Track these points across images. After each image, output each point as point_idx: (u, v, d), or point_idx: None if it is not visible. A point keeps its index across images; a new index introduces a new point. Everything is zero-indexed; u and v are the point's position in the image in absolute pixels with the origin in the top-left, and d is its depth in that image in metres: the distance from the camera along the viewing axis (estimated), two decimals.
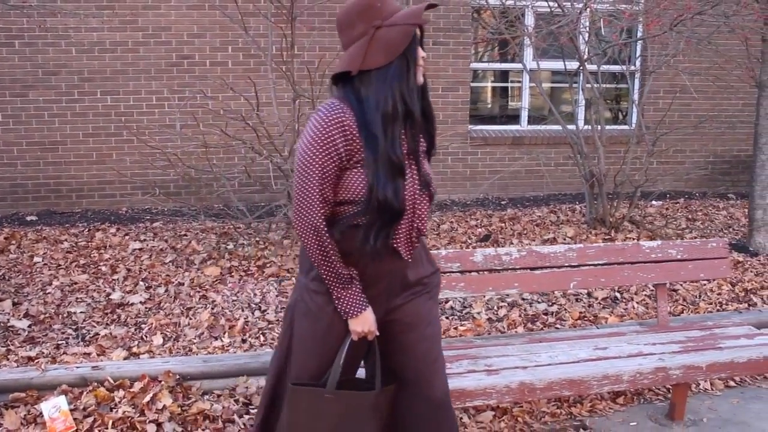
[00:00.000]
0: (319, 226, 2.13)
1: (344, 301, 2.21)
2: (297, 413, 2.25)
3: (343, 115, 2.11)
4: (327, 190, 2.13)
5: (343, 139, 2.11)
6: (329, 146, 2.10)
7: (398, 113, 2.14)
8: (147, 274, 4.89)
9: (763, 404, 3.70)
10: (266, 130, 5.26)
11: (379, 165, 2.11)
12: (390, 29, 2.14)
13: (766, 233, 5.77)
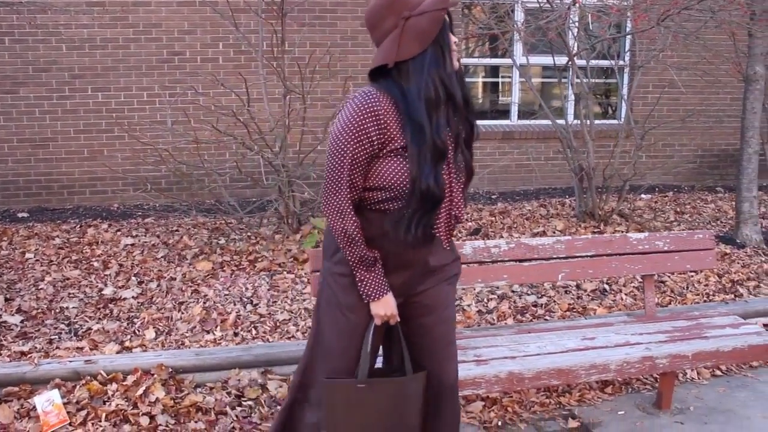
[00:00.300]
0: (344, 209, 2.18)
1: (367, 284, 2.25)
2: (333, 407, 2.28)
3: (378, 104, 2.14)
4: (356, 176, 2.18)
5: (376, 128, 2.14)
6: (361, 134, 2.14)
7: (440, 99, 2.17)
8: (139, 269, 4.91)
9: (748, 392, 3.75)
10: (257, 125, 5.29)
11: (423, 154, 2.14)
12: (419, 18, 2.15)
13: (753, 225, 5.83)
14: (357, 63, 7.28)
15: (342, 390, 2.29)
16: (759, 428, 3.39)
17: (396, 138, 2.17)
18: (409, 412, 2.34)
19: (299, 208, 5.61)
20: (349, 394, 2.29)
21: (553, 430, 3.34)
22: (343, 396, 2.29)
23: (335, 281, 2.33)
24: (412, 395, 2.35)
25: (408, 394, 2.34)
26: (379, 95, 2.16)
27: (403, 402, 2.33)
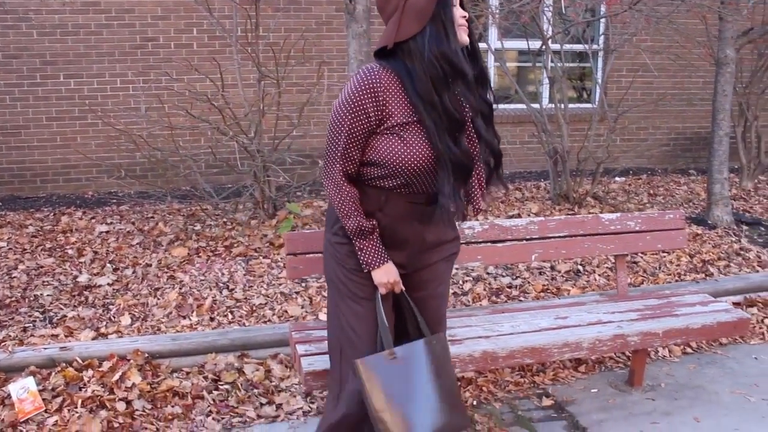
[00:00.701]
0: (339, 181, 2.24)
1: (366, 252, 2.27)
2: (371, 383, 2.24)
3: (377, 81, 2.17)
4: (352, 150, 2.22)
5: (374, 105, 2.17)
6: (359, 110, 2.17)
7: (447, 75, 2.17)
8: (114, 257, 4.88)
9: (717, 369, 3.83)
10: (232, 111, 5.26)
11: (441, 128, 2.17)
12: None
13: (724, 207, 5.92)
14: (332, 48, 7.26)
15: (373, 364, 2.25)
16: (726, 403, 3.47)
17: (395, 115, 2.19)
18: (442, 373, 2.33)
19: (275, 194, 5.60)
20: (381, 366, 2.26)
21: (528, 408, 3.39)
22: (377, 370, 2.25)
23: (336, 251, 2.37)
24: (441, 355, 2.35)
25: (436, 354, 2.34)
26: (380, 72, 2.18)
27: (431, 364, 2.32)
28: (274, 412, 3.23)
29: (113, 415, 3.08)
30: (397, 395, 2.25)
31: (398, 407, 2.24)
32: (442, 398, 2.31)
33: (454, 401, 2.34)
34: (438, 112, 2.16)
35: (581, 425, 3.24)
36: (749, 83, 7.20)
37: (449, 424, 2.31)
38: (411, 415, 2.25)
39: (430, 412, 2.27)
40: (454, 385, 2.37)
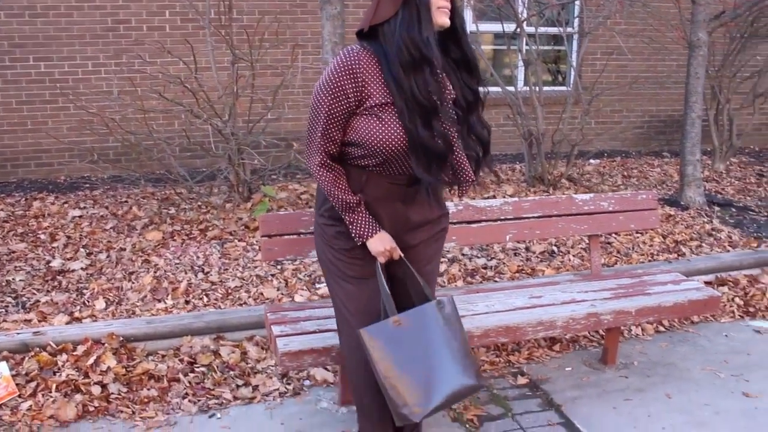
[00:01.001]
0: (322, 161, 2.28)
1: (357, 225, 2.30)
2: (377, 351, 2.25)
3: (356, 62, 2.18)
4: (333, 131, 2.25)
5: (353, 85, 2.19)
6: (338, 91, 2.19)
7: (416, 60, 2.16)
8: (88, 241, 4.84)
9: (689, 347, 3.89)
10: (205, 94, 5.21)
11: (411, 110, 2.17)
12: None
13: (696, 188, 5.99)
14: (306, 30, 7.22)
15: (378, 332, 2.26)
16: (697, 380, 3.53)
17: (373, 95, 2.20)
18: (453, 335, 2.34)
19: (249, 177, 5.57)
20: (388, 336, 2.26)
21: (503, 387, 3.42)
22: (384, 340, 2.26)
23: (324, 232, 2.42)
24: (451, 318, 2.36)
25: (446, 316, 2.35)
26: (359, 53, 2.20)
27: (441, 326, 2.33)
28: (251, 393, 3.23)
29: (88, 398, 3.07)
30: (408, 361, 2.25)
31: (410, 372, 2.24)
32: (457, 361, 2.31)
33: (468, 363, 2.34)
34: (407, 96, 2.17)
35: (555, 403, 3.28)
36: (721, 66, 7.27)
37: (466, 387, 2.31)
38: (426, 379, 2.25)
39: (446, 375, 2.28)
40: (466, 347, 2.37)
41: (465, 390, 2.31)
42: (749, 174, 7.38)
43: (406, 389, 2.23)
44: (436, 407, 2.25)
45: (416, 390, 2.23)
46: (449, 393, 2.26)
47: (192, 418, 3.04)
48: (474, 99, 2.34)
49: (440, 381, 2.26)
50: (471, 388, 2.33)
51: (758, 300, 4.43)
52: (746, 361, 3.74)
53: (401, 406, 2.22)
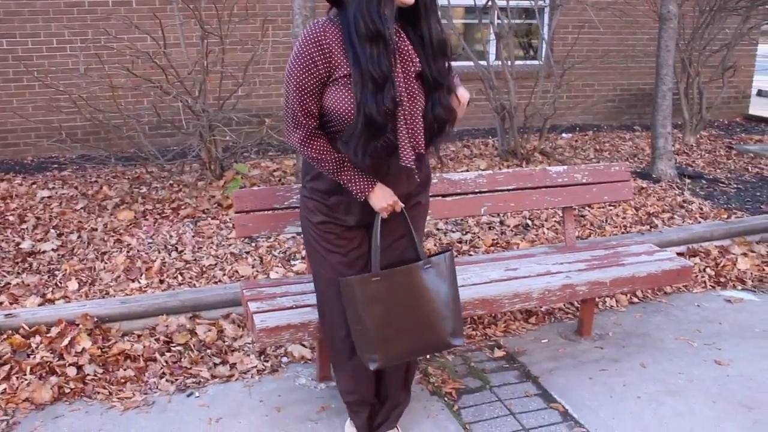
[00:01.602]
0: (302, 136, 2.30)
1: (353, 183, 2.33)
2: (353, 303, 2.36)
3: (323, 34, 2.19)
4: (308, 103, 2.25)
5: (321, 56, 2.19)
6: (308, 62, 2.20)
7: (370, 33, 2.15)
8: (58, 222, 4.75)
9: (662, 317, 3.95)
10: (175, 70, 5.12)
11: (365, 81, 2.16)
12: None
13: (668, 161, 6.05)
14: (276, 5, 7.11)
15: (359, 285, 2.35)
16: (670, 349, 3.58)
17: (341, 65, 2.20)
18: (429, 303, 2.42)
19: (221, 154, 5.51)
20: (366, 287, 2.36)
21: (480, 360, 3.44)
22: (361, 290, 2.35)
23: (305, 204, 2.50)
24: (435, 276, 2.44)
25: (423, 278, 2.42)
26: (325, 24, 2.21)
27: (421, 291, 2.41)
28: (228, 371, 3.21)
29: (64, 380, 3.03)
30: (374, 315, 2.36)
31: (373, 326, 2.36)
32: (424, 321, 2.41)
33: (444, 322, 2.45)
34: (360, 66, 2.16)
35: (533, 374, 3.31)
36: (691, 39, 7.32)
37: (423, 346, 2.45)
38: (381, 335, 2.37)
39: (402, 335, 2.40)
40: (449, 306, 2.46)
41: (428, 347, 2.46)
42: (719, 147, 7.47)
43: (369, 340, 2.37)
44: (392, 360, 2.41)
45: (378, 342, 2.37)
46: (409, 349, 2.42)
47: (170, 397, 3.02)
48: (440, 77, 2.31)
49: (403, 337, 2.40)
50: (436, 346, 2.47)
51: (729, 270, 4.49)
52: (718, 330, 3.80)
53: (362, 353, 2.39)
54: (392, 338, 2.40)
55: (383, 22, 2.15)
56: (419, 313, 2.43)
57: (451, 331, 2.48)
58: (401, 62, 2.25)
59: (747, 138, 8.00)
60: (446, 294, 2.48)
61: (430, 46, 2.28)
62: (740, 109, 9.41)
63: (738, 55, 8.17)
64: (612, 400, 3.10)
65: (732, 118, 9.29)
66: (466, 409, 3.00)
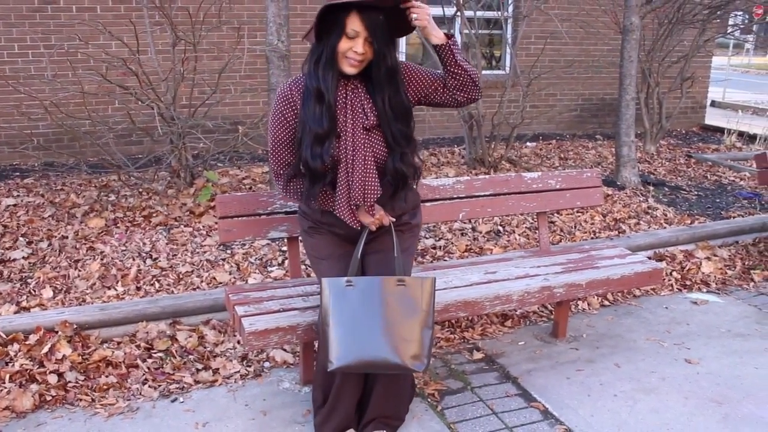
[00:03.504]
0: (282, 185, 2.59)
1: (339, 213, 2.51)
2: (325, 300, 2.47)
3: (290, 92, 2.47)
4: (282, 154, 2.54)
5: (291, 111, 2.48)
6: (280, 118, 2.50)
7: (316, 93, 2.39)
8: (26, 230, 4.68)
9: (633, 319, 4.05)
10: (147, 77, 5.09)
11: (307, 135, 2.42)
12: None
13: (632, 168, 6.21)
14: (243, 12, 7.12)
15: (332, 285, 2.47)
16: (642, 349, 3.68)
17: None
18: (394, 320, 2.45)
19: (192, 162, 5.48)
20: (338, 289, 2.46)
21: (460, 362, 3.50)
22: (333, 292, 2.46)
23: (300, 217, 2.81)
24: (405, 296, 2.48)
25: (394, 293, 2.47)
26: (294, 83, 2.48)
27: (389, 301, 2.46)
28: (212, 377, 3.20)
29: (45, 388, 2.98)
30: (340, 317, 2.44)
31: (337, 328, 2.43)
32: (391, 336, 2.43)
33: (404, 343, 2.43)
34: (305, 123, 2.42)
35: (512, 375, 3.37)
36: (651, 50, 7.53)
37: (386, 362, 2.42)
38: (343, 338, 2.42)
39: (370, 344, 2.42)
40: (417, 329, 2.47)
41: (385, 364, 2.43)
42: (678, 155, 7.69)
43: (332, 341, 2.43)
44: (347, 366, 2.42)
45: (338, 345, 2.41)
46: (365, 360, 2.41)
47: (154, 403, 3.00)
48: (401, 139, 2.50)
49: (362, 346, 2.42)
50: (393, 365, 2.44)
51: (694, 274, 4.64)
52: (686, 330, 3.92)
53: (325, 354, 2.45)
54: (352, 346, 2.41)
55: (326, 84, 2.38)
56: (382, 328, 2.43)
57: (412, 355, 2.45)
58: (351, 117, 2.45)
59: (704, 147, 8.25)
60: (415, 317, 2.48)
61: (389, 111, 2.46)
62: (697, 119, 9.70)
63: (695, 66, 8.42)
64: (590, 398, 3.18)
65: (689, 128, 9.57)
66: (450, 410, 3.05)
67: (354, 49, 2.35)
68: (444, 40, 2.46)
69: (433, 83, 2.57)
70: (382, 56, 2.39)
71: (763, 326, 4.00)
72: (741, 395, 3.24)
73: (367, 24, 2.33)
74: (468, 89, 2.56)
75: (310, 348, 3.13)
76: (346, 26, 2.33)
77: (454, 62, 2.50)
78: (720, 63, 17.04)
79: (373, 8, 2.34)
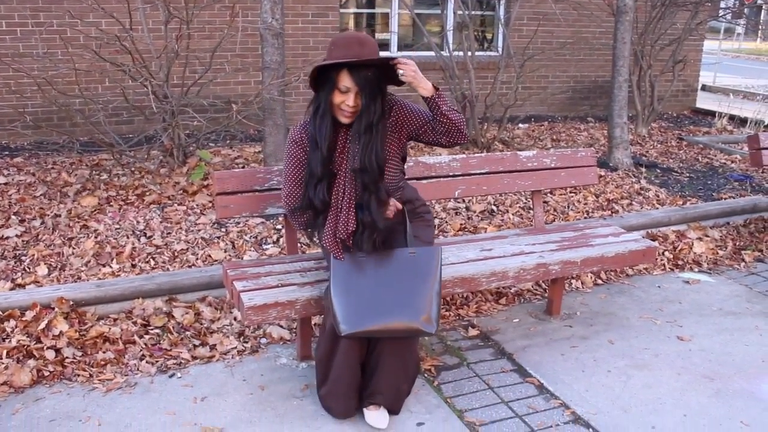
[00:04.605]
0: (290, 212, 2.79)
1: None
2: (338, 275, 2.60)
3: (300, 136, 2.71)
4: (294, 189, 2.75)
5: (303, 153, 2.71)
6: (294, 160, 2.72)
7: (313, 141, 2.64)
8: (18, 208, 4.65)
9: (626, 297, 4.09)
10: (140, 55, 5.05)
11: (309, 176, 2.66)
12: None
13: (624, 150, 6.23)
14: None
15: (347, 260, 2.61)
16: (635, 327, 3.71)
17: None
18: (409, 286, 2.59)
19: (185, 140, 5.46)
20: (352, 262, 2.62)
21: (456, 339, 3.52)
22: (347, 264, 2.60)
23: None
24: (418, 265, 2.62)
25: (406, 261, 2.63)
26: (304, 126, 2.71)
27: (403, 269, 2.61)
28: (209, 352, 3.21)
29: (42, 363, 2.98)
30: (354, 285, 2.57)
31: (350, 295, 2.55)
32: (406, 301, 2.56)
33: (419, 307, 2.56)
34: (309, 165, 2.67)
35: (507, 351, 3.40)
36: (643, 33, 7.53)
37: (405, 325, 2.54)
38: (356, 305, 2.53)
39: (375, 309, 2.54)
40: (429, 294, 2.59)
41: (398, 328, 2.55)
42: (670, 138, 7.72)
43: (344, 307, 2.53)
44: (361, 331, 2.52)
45: (352, 311, 2.52)
46: (379, 325, 2.52)
47: (152, 378, 3.01)
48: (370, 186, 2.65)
49: (375, 311, 2.52)
50: (406, 328, 2.56)
51: (686, 254, 4.67)
52: (679, 308, 3.96)
53: (335, 318, 2.53)
54: (365, 311, 2.53)
55: (321, 134, 2.61)
56: (395, 293, 2.56)
57: (424, 318, 2.56)
58: (346, 160, 2.67)
59: (696, 130, 8.29)
60: (426, 283, 2.62)
61: (358, 164, 2.63)
62: (688, 102, 9.73)
63: (686, 49, 8.44)
64: (584, 374, 3.21)
65: (680, 111, 9.60)
66: (446, 385, 3.07)
67: (346, 102, 2.59)
68: (432, 93, 2.68)
69: (423, 125, 2.76)
70: (366, 110, 2.59)
71: (754, 305, 4.04)
72: (732, 371, 3.28)
73: (357, 81, 2.55)
74: (453, 135, 2.75)
75: (307, 323, 3.15)
76: (338, 82, 2.57)
77: (440, 113, 2.70)
78: (711, 47, 17.08)
79: (363, 66, 2.55)
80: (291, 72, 5.78)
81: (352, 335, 2.53)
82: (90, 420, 2.73)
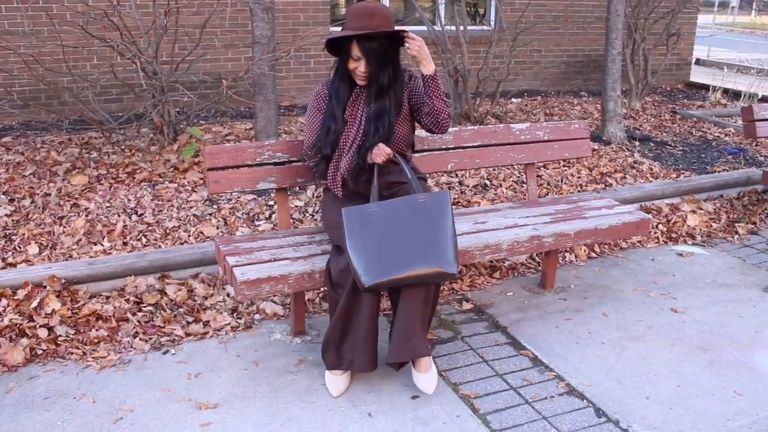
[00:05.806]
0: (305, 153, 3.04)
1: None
2: (353, 230, 2.64)
3: (324, 90, 2.98)
4: (312, 134, 2.97)
5: (324, 104, 2.95)
6: (315, 109, 2.97)
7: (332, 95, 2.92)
8: (8, 187, 4.60)
9: (619, 270, 4.09)
10: (128, 30, 4.98)
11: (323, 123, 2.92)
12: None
13: (617, 123, 6.20)
14: None
15: (358, 213, 2.67)
16: (629, 299, 3.72)
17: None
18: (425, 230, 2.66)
19: (175, 117, 5.41)
20: (363, 216, 2.67)
21: (450, 312, 3.52)
22: (359, 218, 2.66)
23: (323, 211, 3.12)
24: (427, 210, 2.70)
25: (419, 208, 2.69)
26: (327, 83, 2.98)
27: (414, 216, 2.67)
28: (202, 329, 3.20)
29: (35, 342, 2.97)
30: (373, 239, 2.62)
31: (366, 248, 2.60)
32: (423, 247, 2.62)
33: (438, 250, 2.63)
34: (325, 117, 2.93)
35: (501, 324, 3.40)
36: (637, 5, 7.47)
37: (415, 270, 2.59)
38: (375, 255, 2.58)
39: (405, 257, 2.59)
40: (444, 237, 2.67)
41: (420, 273, 2.59)
42: (663, 111, 7.69)
43: (364, 260, 2.58)
44: (385, 281, 2.57)
45: (371, 263, 2.57)
46: (401, 273, 2.57)
47: (146, 355, 3.00)
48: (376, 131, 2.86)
49: (396, 260, 2.59)
50: (429, 272, 2.60)
51: (679, 226, 4.67)
52: (672, 281, 3.97)
53: (356, 272, 2.58)
54: (385, 261, 2.58)
55: (338, 93, 2.90)
56: (414, 239, 2.64)
57: (446, 260, 2.63)
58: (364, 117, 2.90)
59: (689, 104, 8.26)
60: (441, 227, 2.69)
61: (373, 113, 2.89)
62: (681, 76, 9.69)
63: (680, 22, 8.38)
64: (578, 346, 3.22)
65: (674, 85, 9.56)
66: (441, 358, 3.07)
67: (359, 69, 2.84)
68: (433, 72, 2.90)
69: (419, 99, 2.97)
70: (376, 77, 2.84)
71: (747, 277, 4.05)
72: (725, 342, 3.29)
73: (363, 51, 2.79)
74: (433, 118, 2.96)
75: (301, 298, 3.13)
76: (350, 51, 2.82)
77: (433, 93, 2.92)
78: (705, 21, 17.02)
79: (372, 37, 2.76)
80: (281, 47, 5.72)
81: (375, 286, 2.57)
82: (84, 397, 2.72)
